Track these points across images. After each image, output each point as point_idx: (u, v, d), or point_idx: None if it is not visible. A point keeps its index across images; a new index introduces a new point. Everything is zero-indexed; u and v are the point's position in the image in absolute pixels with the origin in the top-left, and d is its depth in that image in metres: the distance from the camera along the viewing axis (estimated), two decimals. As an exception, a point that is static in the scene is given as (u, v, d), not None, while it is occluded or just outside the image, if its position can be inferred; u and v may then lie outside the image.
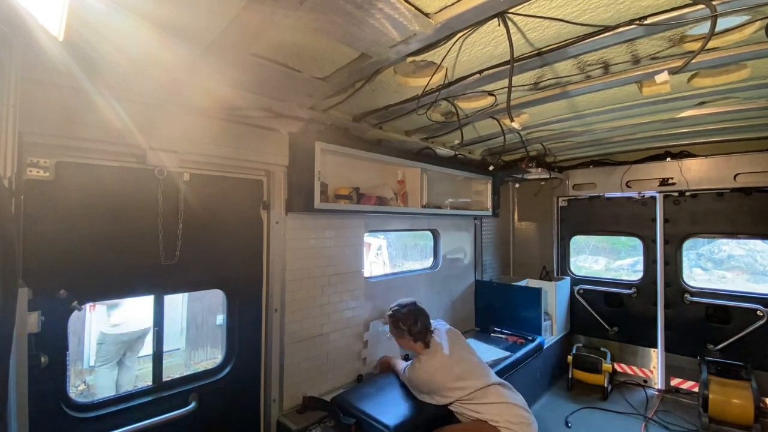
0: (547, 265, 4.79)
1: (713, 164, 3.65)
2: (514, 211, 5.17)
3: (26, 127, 1.56)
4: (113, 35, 1.45)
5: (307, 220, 2.69)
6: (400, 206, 3.17)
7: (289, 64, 1.83)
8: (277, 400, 2.53)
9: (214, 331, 6.39)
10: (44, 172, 1.74)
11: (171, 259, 2.11)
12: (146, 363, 2.05)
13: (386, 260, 8.63)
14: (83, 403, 1.95)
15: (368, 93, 2.23)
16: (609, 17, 1.47)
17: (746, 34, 1.60)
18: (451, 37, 1.60)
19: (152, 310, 2.20)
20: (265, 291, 2.56)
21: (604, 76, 2.05)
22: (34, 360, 1.63)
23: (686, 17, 1.42)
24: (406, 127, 3.02)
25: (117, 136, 1.82)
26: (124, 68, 1.70)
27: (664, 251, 4.04)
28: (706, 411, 3.30)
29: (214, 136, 2.18)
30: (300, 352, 2.65)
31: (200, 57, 1.67)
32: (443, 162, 3.49)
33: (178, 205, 2.14)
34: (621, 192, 4.21)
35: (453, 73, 1.95)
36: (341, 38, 1.54)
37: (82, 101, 1.71)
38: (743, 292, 3.70)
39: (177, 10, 1.34)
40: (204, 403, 2.23)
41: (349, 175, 2.93)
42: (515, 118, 2.39)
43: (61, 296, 1.76)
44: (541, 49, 1.72)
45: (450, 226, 4.11)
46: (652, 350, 4.13)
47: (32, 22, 1.13)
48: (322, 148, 2.48)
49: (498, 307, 4.19)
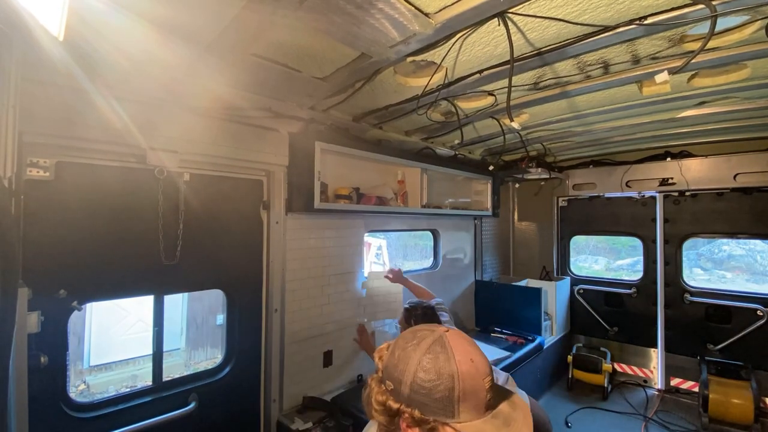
0: (547, 265, 4.79)
1: (713, 164, 3.65)
2: (514, 211, 5.17)
3: (26, 127, 1.56)
4: (113, 35, 1.45)
5: (307, 220, 2.69)
6: (400, 206, 3.17)
7: (289, 64, 1.83)
8: (277, 400, 2.53)
9: (214, 331, 6.38)
10: (44, 172, 1.74)
11: (172, 260, 2.11)
12: (146, 363, 2.05)
13: (386, 260, 8.63)
14: (83, 403, 1.95)
15: (368, 93, 2.23)
16: (609, 17, 1.47)
17: (746, 34, 1.60)
18: (451, 37, 1.60)
19: (152, 310, 2.20)
20: (265, 291, 2.56)
21: (604, 76, 2.05)
22: (34, 360, 1.62)
23: (686, 17, 1.42)
24: (406, 127, 3.02)
25: (117, 136, 1.82)
26: (124, 68, 1.69)
27: (664, 251, 4.04)
28: (706, 411, 3.30)
29: (214, 136, 2.18)
30: (300, 352, 2.65)
31: (200, 57, 1.67)
32: (443, 162, 3.49)
33: (179, 205, 2.14)
34: (621, 192, 4.21)
35: (453, 73, 1.95)
36: (341, 38, 1.54)
37: (82, 101, 1.70)
38: (743, 292, 3.70)
39: (177, 10, 1.34)
40: (204, 403, 2.23)
41: (349, 175, 2.93)
42: (515, 118, 2.39)
43: (61, 296, 1.76)
44: (541, 49, 1.72)
45: (450, 226, 4.11)
46: (652, 350, 4.13)
47: (32, 22, 1.13)
48: (322, 148, 2.48)
49: (498, 307, 4.18)
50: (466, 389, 0.80)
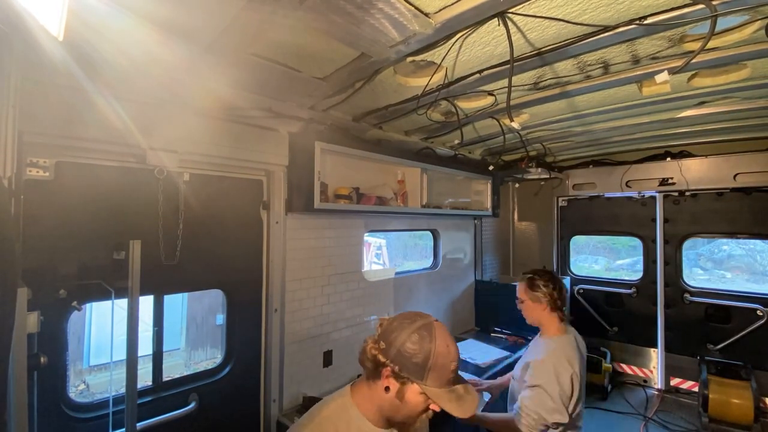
0: (547, 265, 4.78)
1: (713, 164, 3.65)
2: (514, 211, 5.17)
3: (26, 127, 1.55)
4: (113, 35, 1.45)
5: (307, 220, 2.69)
6: (400, 206, 3.17)
7: (289, 64, 1.83)
8: (277, 400, 2.53)
9: (213, 331, 6.39)
10: (44, 172, 1.74)
11: (172, 260, 2.11)
12: (146, 363, 2.05)
13: (386, 260, 8.64)
14: (83, 403, 1.95)
15: (368, 93, 2.23)
16: (609, 17, 1.47)
17: (746, 33, 1.60)
18: (450, 37, 1.60)
19: (152, 310, 2.20)
20: (265, 291, 2.56)
21: (604, 76, 2.05)
22: (34, 360, 1.62)
23: (686, 17, 1.42)
24: (406, 127, 3.02)
25: (117, 136, 1.82)
26: (124, 68, 1.69)
27: (664, 251, 4.04)
28: (705, 411, 3.30)
29: (214, 136, 2.18)
30: (300, 352, 2.65)
31: (200, 57, 1.67)
32: (443, 162, 3.49)
33: (179, 205, 2.14)
34: (621, 192, 4.21)
35: (453, 73, 1.95)
36: (341, 38, 1.54)
37: (82, 101, 1.70)
38: (743, 291, 3.70)
39: (177, 10, 1.34)
40: (204, 403, 2.23)
41: (349, 175, 2.93)
42: (515, 118, 2.39)
43: (61, 296, 1.76)
44: (541, 49, 1.72)
45: (450, 226, 4.11)
46: (652, 350, 4.13)
47: (32, 22, 1.13)
48: (322, 148, 2.48)
49: (498, 307, 4.18)
50: (437, 364, 1.09)
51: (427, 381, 1.09)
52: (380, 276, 3.39)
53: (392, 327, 1.15)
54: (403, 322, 1.15)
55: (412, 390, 1.10)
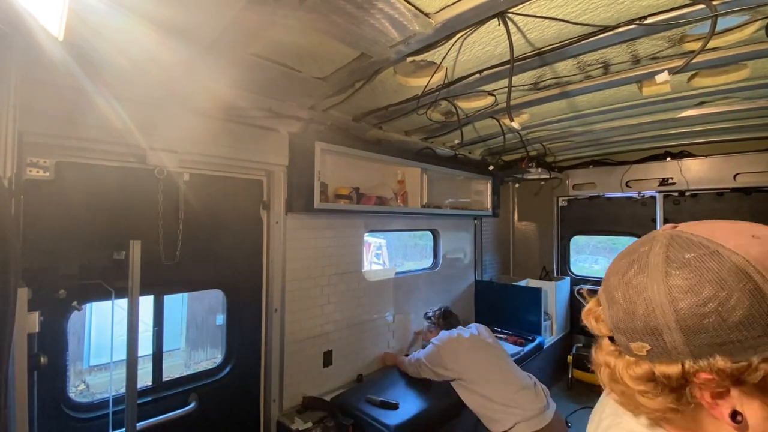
0: (547, 265, 4.79)
1: (713, 164, 3.65)
2: (514, 211, 5.17)
3: (26, 127, 1.56)
4: (113, 35, 1.45)
5: (307, 220, 2.69)
6: (400, 206, 3.17)
7: (289, 64, 1.83)
8: (277, 400, 2.53)
9: (214, 331, 6.39)
10: (44, 172, 1.74)
11: (172, 260, 2.11)
12: (146, 363, 2.06)
13: (386, 260, 8.64)
14: (83, 403, 1.95)
15: (368, 93, 2.23)
16: (609, 17, 1.47)
17: (746, 34, 1.60)
18: (451, 37, 1.60)
19: (152, 310, 2.20)
20: (265, 291, 2.56)
21: (604, 76, 2.05)
22: (34, 360, 1.62)
23: (686, 17, 1.42)
24: (406, 127, 3.02)
25: (117, 136, 1.82)
26: (124, 68, 1.69)
27: (664, 251, 4.03)
28: (706, 411, 3.30)
29: (214, 136, 2.18)
30: (300, 352, 2.65)
31: (200, 57, 1.67)
32: (443, 162, 3.49)
33: (179, 205, 2.14)
34: (621, 192, 4.21)
35: (453, 73, 1.95)
36: (341, 38, 1.54)
37: (82, 101, 1.70)
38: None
39: (177, 10, 1.34)
40: (204, 403, 2.23)
41: (349, 175, 2.93)
42: (515, 118, 2.38)
43: (61, 296, 1.76)
44: (541, 49, 1.72)
45: (450, 226, 4.11)
46: (652, 350, 4.12)
47: (32, 22, 1.13)
48: (322, 148, 2.48)
49: (498, 307, 4.18)
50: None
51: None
52: (380, 276, 3.39)
53: (626, 302, 0.55)
54: (629, 277, 0.56)
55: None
